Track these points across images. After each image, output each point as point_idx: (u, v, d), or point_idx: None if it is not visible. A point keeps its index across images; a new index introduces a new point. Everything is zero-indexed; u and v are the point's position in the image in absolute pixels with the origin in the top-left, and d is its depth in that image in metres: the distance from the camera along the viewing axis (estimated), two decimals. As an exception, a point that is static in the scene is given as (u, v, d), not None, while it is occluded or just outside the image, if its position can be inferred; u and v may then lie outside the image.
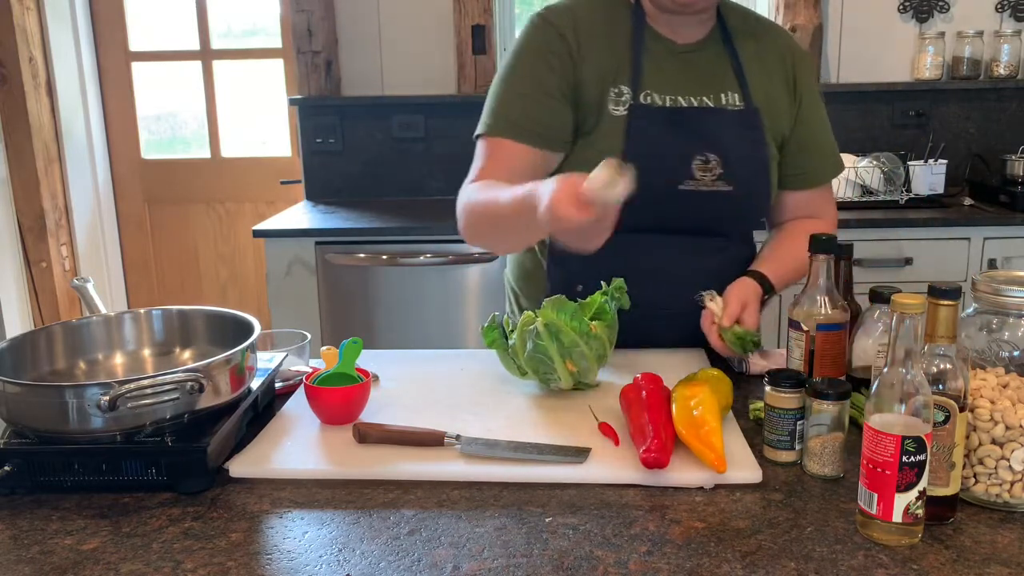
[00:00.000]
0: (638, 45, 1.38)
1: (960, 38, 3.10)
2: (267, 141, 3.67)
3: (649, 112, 1.37)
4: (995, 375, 0.99)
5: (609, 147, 1.34)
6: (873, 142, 3.14)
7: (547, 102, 1.35)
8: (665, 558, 0.88)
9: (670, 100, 1.38)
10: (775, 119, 1.43)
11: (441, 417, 1.20)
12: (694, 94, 1.39)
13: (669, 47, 1.41)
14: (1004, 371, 1.00)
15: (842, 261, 1.29)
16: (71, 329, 1.25)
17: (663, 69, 1.39)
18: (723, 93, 1.40)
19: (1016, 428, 0.94)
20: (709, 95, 1.40)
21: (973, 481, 0.97)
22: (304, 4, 3.11)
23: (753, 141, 1.40)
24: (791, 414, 1.07)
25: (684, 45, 1.41)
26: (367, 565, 0.88)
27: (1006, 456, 0.95)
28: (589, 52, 1.37)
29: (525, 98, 1.36)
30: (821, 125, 1.50)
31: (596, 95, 1.36)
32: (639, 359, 1.41)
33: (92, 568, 0.88)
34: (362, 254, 2.70)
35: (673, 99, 1.38)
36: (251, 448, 1.13)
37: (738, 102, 1.40)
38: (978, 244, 2.68)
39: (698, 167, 1.36)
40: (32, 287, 3.37)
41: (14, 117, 3.23)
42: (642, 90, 1.37)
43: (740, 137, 1.39)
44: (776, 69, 1.44)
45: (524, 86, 1.36)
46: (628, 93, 1.36)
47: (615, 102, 1.36)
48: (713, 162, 1.37)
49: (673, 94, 1.38)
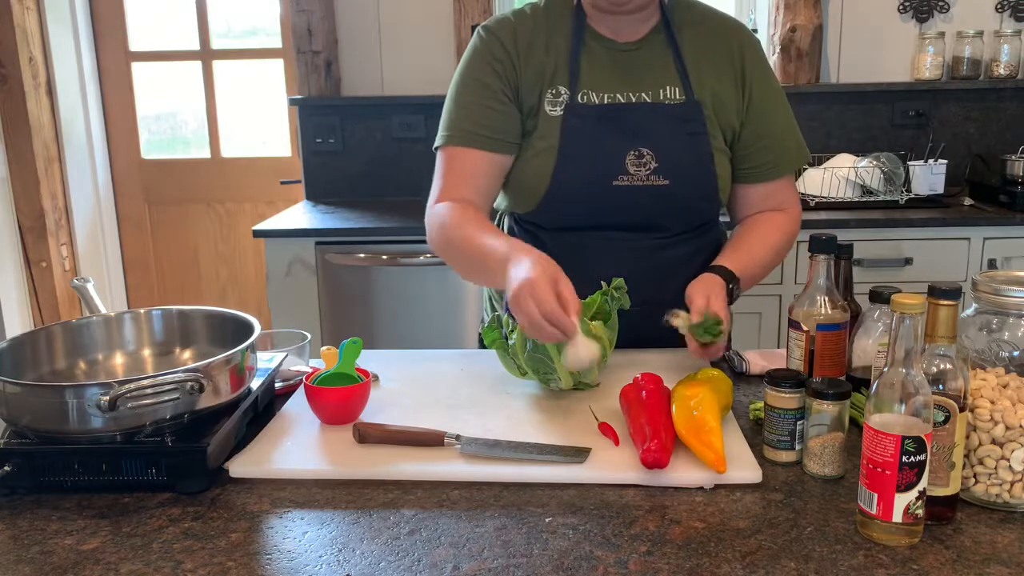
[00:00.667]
0: (577, 46, 1.41)
1: (960, 38, 3.10)
2: (267, 141, 3.67)
3: (584, 110, 1.40)
4: (995, 375, 0.99)
5: (547, 146, 1.39)
6: (873, 142, 3.14)
7: (495, 107, 1.40)
8: (665, 558, 0.88)
9: (608, 97, 1.40)
10: (722, 113, 1.43)
11: (441, 417, 1.20)
12: (632, 90, 1.41)
13: (609, 46, 1.43)
14: (1004, 371, 1.00)
15: (842, 261, 1.29)
16: (71, 329, 1.25)
17: (602, 68, 1.42)
18: (663, 88, 1.42)
19: (1016, 428, 0.94)
20: (648, 91, 1.41)
21: (973, 481, 0.97)
22: (304, 4, 3.11)
23: (692, 134, 1.41)
24: (791, 414, 1.07)
25: (625, 43, 1.43)
26: (367, 565, 0.88)
27: (1006, 456, 0.95)
28: (528, 57, 1.41)
29: (475, 106, 1.41)
30: (777, 116, 1.47)
31: (535, 98, 1.41)
32: (639, 359, 1.41)
33: (92, 568, 0.88)
34: (362, 254, 2.70)
35: (611, 96, 1.40)
36: (251, 448, 1.13)
37: (679, 96, 1.41)
38: (978, 244, 2.68)
39: (631, 162, 1.38)
40: (32, 287, 3.37)
41: (14, 117, 3.23)
42: (580, 90, 1.40)
43: (677, 131, 1.40)
44: (723, 62, 1.44)
45: (473, 95, 1.41)
46: (566, 94, 1.40)
47: (552, 103, 1.40)
48: (647, 156, 1.38)
49: (611, 91, 1.41)
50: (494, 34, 1.43)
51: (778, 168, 1.49)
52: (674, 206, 1.43)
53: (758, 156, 1.47)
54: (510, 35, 1.42)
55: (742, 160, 1.47)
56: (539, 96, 1.41)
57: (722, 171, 1.44)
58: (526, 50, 1.42)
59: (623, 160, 1.38)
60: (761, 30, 3.22)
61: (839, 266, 1.27)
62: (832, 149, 3.09)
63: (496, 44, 1.42)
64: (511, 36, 1.42)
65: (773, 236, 1.47)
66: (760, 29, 3.22)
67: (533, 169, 1.40)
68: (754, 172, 1.48)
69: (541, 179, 1.40)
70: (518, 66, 1.41)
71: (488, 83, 1.41)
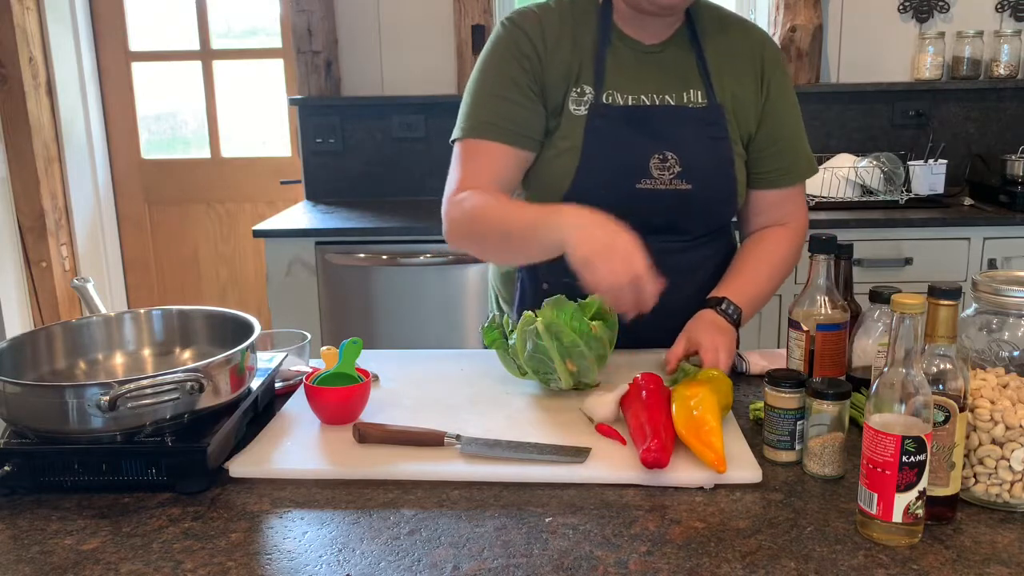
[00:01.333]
0: (603, 46, 1.40)
1: (960, 38, 3.10)
2: (267, 141, 3.67)
3: (609, 111, 1.38)
4: (995, 375, 0.99)
5: (570, 146, 1.36)
6: (873, 142, 3.14)
7: (520, 101, 1.37)
8: (665, 558, 0.88)
9: (632, 99, 1.39)
10: (742, 117, 1.43)
11: (441, 417, 1.20)
12: (657, 92, 1.40)
13: (635, 47, 1.42)
14: (1004, 371, 1.00)
15: (842, 261, 1.29)
16: (71, 329, 1.25)
17: (627, 68, 1.41)
18: (686, 92, 1.41)
19: (1016, 428, 0.94)
20: (671, 93, 1.40)
21: (973, 481, 0.97)
22: (304, 4, 3.11)
23: (714, 139, 1.40)
24: (791, 414, 1.07)
25: (650, 45, 1.42)
26: (367, 565, 0.88)
27: (1006, 456, 0.95)
28: (554, 54, 1.39)
29: (498, 98, 1.37)
30: (793, 124, 1.48)
31: (559, 96, 1.39)
32: (639, 359, 1.41)
33: (92, 568, 0.88)
34: (362, 254, 2.70)
35: (636, 98, 1.39)
36: (251, 448, 1.13)
37: (701, 100, 1.41)
38: (978, 244, 2.68)
39: (656, 165, 1.37)
40: (32, 287, 3.37)
41: (14, 117, 3.23)
42: (605, 90, 1.39)
43: (700, 135, 1.40)
44: (745, 67, 1.44)
45: (496, 87, 1.38)
46: (591, 93, 1.38)
47: (576, 102, 1.38)
48: (671, 160, 1.37)
49: (636, 93, 1.39)
50: (520, 27, 1.39)
51: (790, 175, 1.48)
52: (695, 210, 1.42)
53: (771, 161, 1.46)
54: (537, 29, 1.39)
55: (755, 164, 1.46)
56: (564, 94, 1.38)
57: (740, 176, 1.44)
58: (553, 45, 1.38)
59: (647, 163, 1.37)
60: (761, 30, 3.22)
61: (839, 266, 1.27)
62: (832, 149, 3.09)
63: (522, 37, 1.38)
64: (538, 30, 1.39)
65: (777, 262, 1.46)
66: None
67: (555, 169, 1.38)
68: (767, 177, 1.47)
69: (563, 179, 1.38)
70: (544, 61, 1.38)
71: (514, 76, 1.37)
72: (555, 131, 1.39)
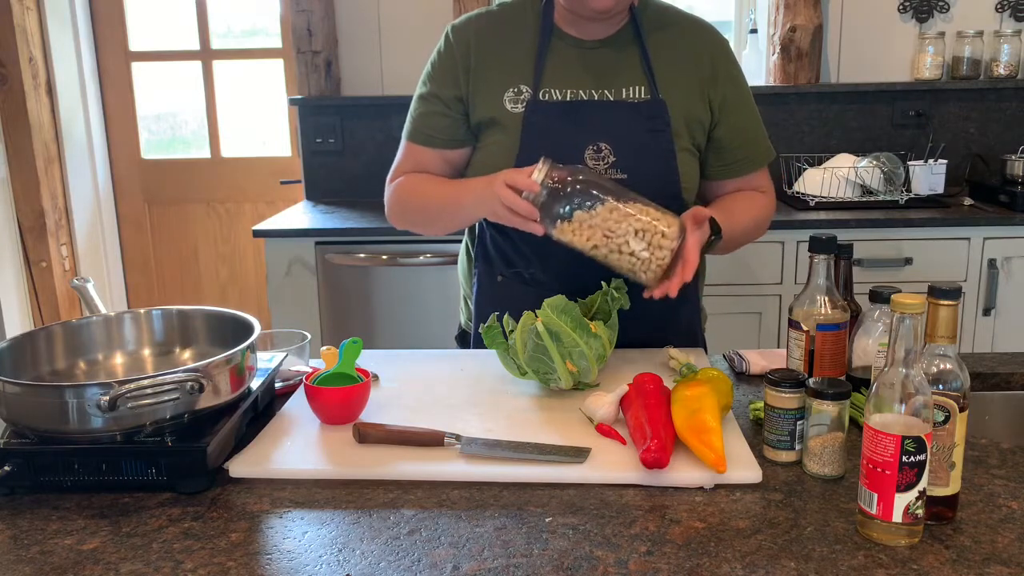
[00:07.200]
0: (543, 46, 1.44)
1: (960, 38, 3.10)
2: (267, 141, 3.67)
3: (545, 107, 1.42)
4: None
5: (508, 142, 1.42)
6: (873, 142, 3.14)
7: (443, 111, 1.46)
8: (665, 558, 0.88)
9: (571, 94, 1.43)
10: (687, 111, 1.44)
11: (441, 417, 1.20)
12: (595, 88, 1.43)
13: (576, 44, 1.45)
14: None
15: (842, 261, 1.29)
16: (71, 329, 1.25)
17: (567, 65, 1.44)
18: (626, 87, 1.43)
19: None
20: (611, 89, 1.43)
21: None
22: (304, 4, 3.11)
23: (653, 131, 1.42)
24: (791, 414, 1.07)
25: (591, 41, 1.45)
26: (367, 565, 0.88)
27: (1006, 456, 0.95)
28: (490, 58, 1.44)
29: (426, 107, 1.48)
30: (750, 113, 1.52)
31: (496, 96, 1.43)
32: (639, 359, 1.41)
33: (92, 568, 0.88)
34: (362, 254, 2.70)
35: (574, 93, 1.43)
36: (251, 448, 1.13)
37: (644, 95, 1.43)
38: (978, 244, 2.68)
39: (590, 156, 1.40)
40: (32, 287, 3.37)
41: (14, 117, 3.23)
42: (542, 87, 1.43)
43: (638, 127, 1.42)
44: (692, 63, 1.46)
45: (426, 103, 1.49)
46: (528, 91, 1.42)
47: (514, 101, 1.43)
48: (605, 151, 1.40)
49: (574, 88, 1.43)
50: (459, 34, 1.47)
51: (754, 162, 1.52)
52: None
53: (736, 152, 1.50)
54: (471, 38, 1.45)
55: (719, 157, 1.49)
56: (501, 95, 1.43)
57: (686, 169, 1.44)
58: (489, 49, 1.44)
59: (582, 154, 1.40)
60: (761, 30, 3.22)
61: (839, 266, 1.27)
62: (832, 149, 3.09)
63: (453, 48, 1.46)
64: (472, 39, 1.45)
65: (755, 210, 1.51)
66: (760, 29, 3.22)
67: (496, 163, 1.41)
68: (732, 167, 1.51)
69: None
70: (475, 69, 1.44)
71: (439, 88, 1.46)
72: (494, 129, 1.44)
